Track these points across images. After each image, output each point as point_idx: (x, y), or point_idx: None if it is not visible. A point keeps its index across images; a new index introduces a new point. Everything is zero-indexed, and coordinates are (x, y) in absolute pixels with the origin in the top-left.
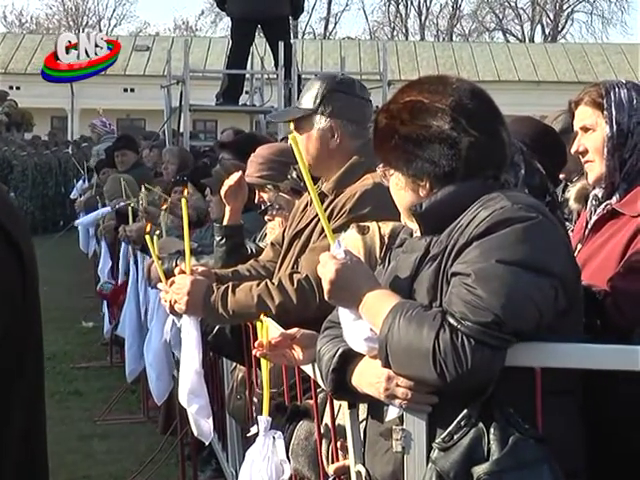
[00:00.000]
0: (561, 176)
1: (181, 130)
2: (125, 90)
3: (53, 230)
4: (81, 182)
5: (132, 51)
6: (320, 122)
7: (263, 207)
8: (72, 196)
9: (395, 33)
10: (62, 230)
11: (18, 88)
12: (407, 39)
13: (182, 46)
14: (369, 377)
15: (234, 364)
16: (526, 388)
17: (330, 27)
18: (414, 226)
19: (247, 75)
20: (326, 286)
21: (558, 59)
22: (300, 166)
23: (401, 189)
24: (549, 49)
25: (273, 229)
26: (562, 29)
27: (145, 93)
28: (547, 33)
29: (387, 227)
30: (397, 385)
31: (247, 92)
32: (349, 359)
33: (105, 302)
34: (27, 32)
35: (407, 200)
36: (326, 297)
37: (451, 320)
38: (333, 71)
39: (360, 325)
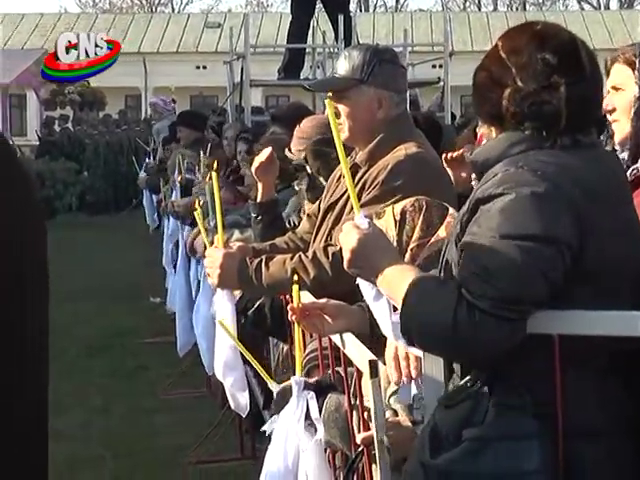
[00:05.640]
0: None
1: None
2: (197, 67)
3: (125, 208)
4: (147, 159)
5: (204, 28)
6: (368, 92)
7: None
8: (140, 174)
9: (467, 4)
10: (133, 207)
11: None
12: (480, 10)
13: (252, 22)
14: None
15: None
16: (542, 356)
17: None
18: None
19: (309, 49)
20: (346, 255)
21: (634, 26)
22: (334, 135)
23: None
24: (625, 16)
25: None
26: None
27: (217, 70)
28: None
29: (398, 207)
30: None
31: (311, 67)
32: None
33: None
34: (100, 12)
35: None
36: (345, 266)
37: (468, 297)
38: (401, 43)
39: (381, 305)
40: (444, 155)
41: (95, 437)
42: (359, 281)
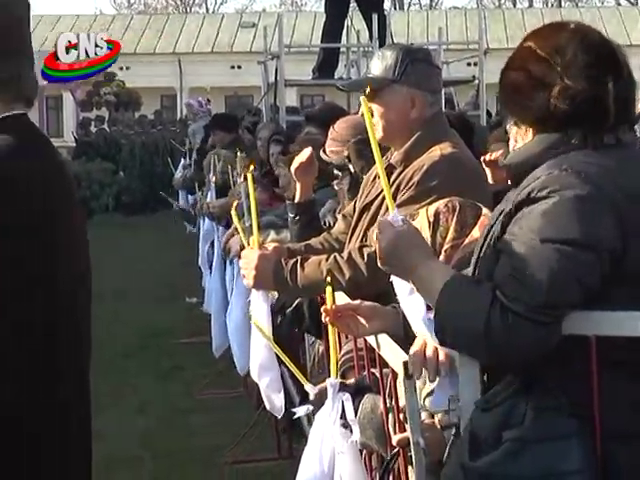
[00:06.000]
0: None
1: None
2: (232, 67)
3: (161, 209)
4: (183, 160)
5: (238, 28)
6: (401, 92)
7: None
8: (175, 175)
9: (502, 1)
10: (169, 208)
11: (128, 68)
12: (514, 6)
13: (287, 22)
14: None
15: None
16: (577, 358)
17: None
18: None
19: (343, 49)
20: (380, 252)
21: None
22: (370, 135)
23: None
24: None
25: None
26: None
27: (251, 70)
28: None
29: (432, 208)
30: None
31: (345, 66)
32: None
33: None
34: (136, 13)
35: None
36: (379, 263)
37: (503, 299)
38: (436, 41)
39: (415, 301)
40: (482, 158)
41: (132, 437)
42: (393, 277)
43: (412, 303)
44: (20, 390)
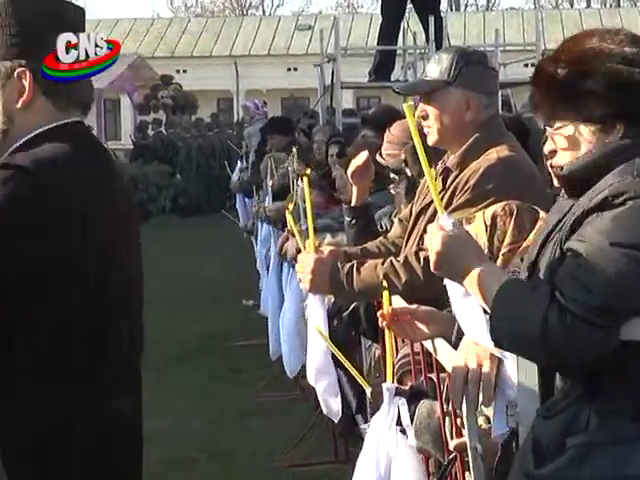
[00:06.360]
0: None
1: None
2: (288, 69)
3: (217, 211)
4: (239, 163)
5: (294, 31)
6: (455, 94)
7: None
8: (232, 177)
9: (560, 1)
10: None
11: (185, 71)
12: (572, 7)
13: (343, 24)
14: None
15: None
16: (635, 363)
17: None
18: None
19: (400, 51)
20: (432, 257)
21: None
22: (414, 140)
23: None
24: None
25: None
26: None
27: (308, 72)
28: None
29: (489, 211)
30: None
31: (402, 67)
32: None
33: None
34: (193, 16)
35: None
36: (432, 268)
37: (561, 300)
38: (492, 43)
39: (469, 304)
40: (549, 162)
41: (188, 439)
42: (446, 280)
43: (466, 306)
44: (72, 392)
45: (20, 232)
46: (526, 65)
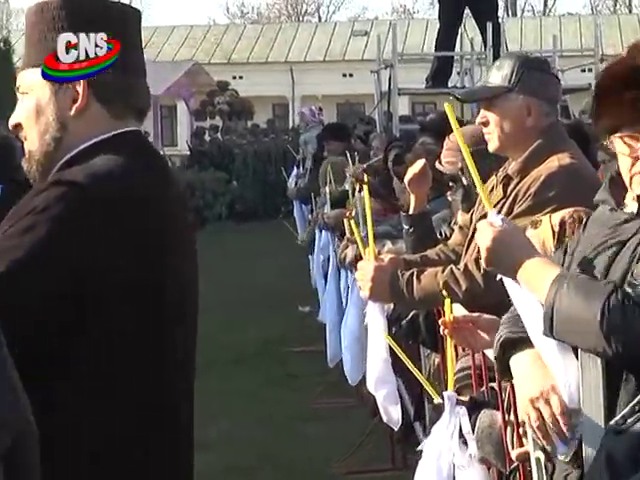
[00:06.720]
0: None
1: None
2: (344, 75)
3: (274, 217)
4: (295, 169)
5: (350, 36)
6: (516, 100)
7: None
8: (288, 184)
9: (618, 7)
10: (282, 216)
11: (241, 77)
12: (630, 12)
13: (399, 29)
14: (522, 388)
15: None
16: None
17: (550, 3)
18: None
19: (457, 57)
20: (483, 253)
21: None
22: (460, 145)
23: None
24: None
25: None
26: None
27: (363, 78)
28: None
29: (557, 217)
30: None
31: (459, 73)
32: (510, 346)
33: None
34: (249, 22)
35: None
36: (484, 264)
37: (627, 288)
38: (550, 49)
39: (529, 300)
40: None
41: (245, 446)
42: (504, 278)
43: (526, 304)
44: (127, 400)
45: (76, 250)
46: (583, 70)
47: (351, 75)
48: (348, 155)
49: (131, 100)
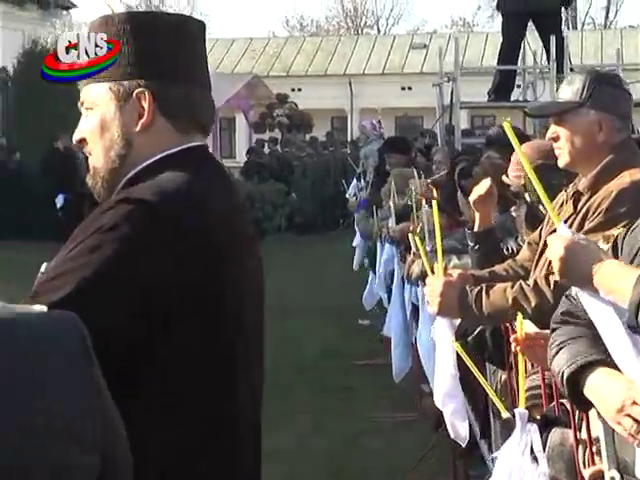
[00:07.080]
0: None
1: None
2: (402, 88)
3: (333, 229)
4: (355, 181)
5: (409, 49)
6: (588, 115)
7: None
8: (347, 195)
9: None
10: (341, 228)
11: (300, 90)
12: None
13: (459, 42)
14: (606, 400)
15: None
16: None
17: (611, 16)
18: None
19: (519, 70)
20: (556, 264)
21: None
22: (522, 161)
23: None
24: None
25: None
26: None
27: (422, 90)
28: None
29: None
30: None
31: (519, 86)
32: (585, 370)
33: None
34: (308, 35)
35: None
36: (557, 277)
37: None
38: (611, 62)
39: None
40: None
41: (308, 457)
42: (577, 292)
43: (603, 318)
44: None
45: (145, 268)
46: None
47: (410, 88)
48: (414, 169)
49: (196, 114)
